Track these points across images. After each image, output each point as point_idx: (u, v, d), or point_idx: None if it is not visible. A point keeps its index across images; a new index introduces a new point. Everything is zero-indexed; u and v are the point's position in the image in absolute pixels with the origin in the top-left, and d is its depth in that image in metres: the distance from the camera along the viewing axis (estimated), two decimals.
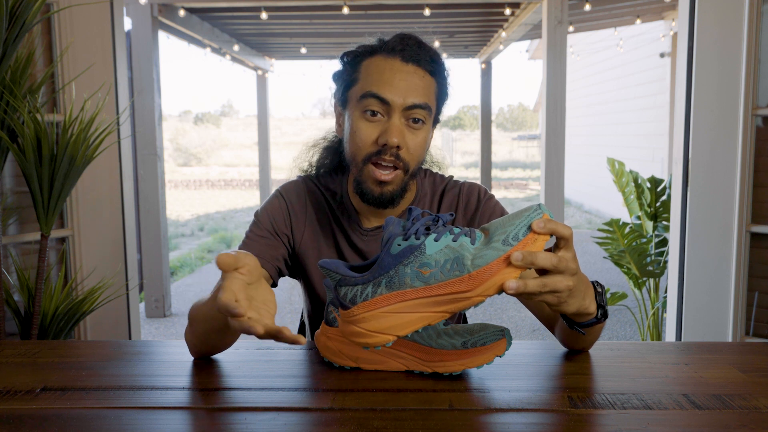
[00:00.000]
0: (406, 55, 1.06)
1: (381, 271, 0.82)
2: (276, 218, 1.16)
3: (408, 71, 1.05)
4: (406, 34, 1.10)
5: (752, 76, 2.09)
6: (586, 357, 1.01)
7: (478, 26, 6.17)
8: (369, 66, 1.08)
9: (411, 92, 1.05)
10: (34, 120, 1.81)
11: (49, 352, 1.04)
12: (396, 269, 0.81)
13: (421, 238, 0.81)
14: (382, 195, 1.08)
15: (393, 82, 1.05)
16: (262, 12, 4.89)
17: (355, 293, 0.83)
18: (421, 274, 0.79)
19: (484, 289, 0.78)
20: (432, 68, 1.08)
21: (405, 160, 1.07)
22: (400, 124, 1.05)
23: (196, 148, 24.30)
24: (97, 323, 2.34)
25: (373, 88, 1.05)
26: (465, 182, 1.21)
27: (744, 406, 0.81)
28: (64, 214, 2.28)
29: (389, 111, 1.05)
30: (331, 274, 0.85)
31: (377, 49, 1.09)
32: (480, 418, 0.78)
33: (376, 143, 1.06)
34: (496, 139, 23.42)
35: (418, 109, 1.05)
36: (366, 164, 1.07)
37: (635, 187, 3.49)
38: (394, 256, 0.81)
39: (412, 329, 0.81)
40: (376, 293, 0.82)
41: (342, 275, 0.84)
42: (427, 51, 1.08)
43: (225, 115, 39.23)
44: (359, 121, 1.07)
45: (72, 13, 2.22)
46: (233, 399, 0.85)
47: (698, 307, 2.22)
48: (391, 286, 0.81)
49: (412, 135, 1.06)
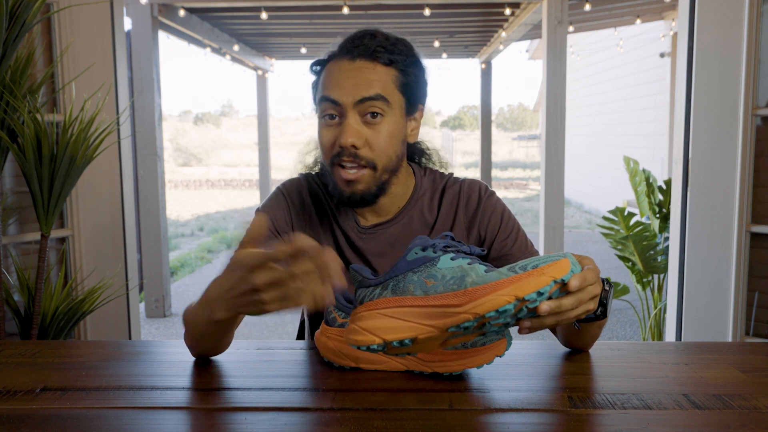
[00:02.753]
0: (355, 53, 1.06)
1: (391, 275, 0.83)
2: (277, 216, 1.16)
3: (355, 68, 1.05)
4: (360, 31, 1.10)
5: (752, 76, 2.09)
6: (586, 357, 1.01)
7: (478, 26, 6.17)
8: (326, 72, 1.09)
9: (359, 88, 1.04)
10: (34, 120, 1.81)
11: (49, 352, 1.04)
12: (405, 275, 0.82)
13: (438, 253, 0.82)
14: (352, 194, 1.08)
15: (341, 82, 1.05)
16: (262, 12, 4.89)
17: (365, 294, 0.85)
18: (424, 284, 0.80)
19: (472, 306, 0.75)
20: (390, 58, 1.07)
21: (368, 158, 1.06)
22: (355, 122, 1.05)
23: (196, 148, 24.31)
24: (97, 323, 2.34)
25: (324, 92, 1.07)
26: (465, 179, 1.21)
27: (744, 406, 0.81)
28: (64, 214, 2.28)
29: (342, 111, 1.05)
30: (355, 276, 0.87)
31: (334, 54, 1.10)
32: (480, 418, 0.78)
33: (335, 146, 1.06)
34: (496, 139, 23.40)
35: (370, 102, 1.04)
36: (333, 167, 1.08)
37: (647, 186, 3.48)
38: (408, 262, 0.83)
39: (399, 337, 0.80)
40: (381, 295, 0.83)
41: (363, 277, 0.86)
42: (382, 42, 1.07)
43: (225, 115, 39.22)
44: (321, 127, 1.09)
45: (72, 13, 2.22)
46: (233, 399, 0.85)
47: (698, 307, 2.22)
48: (396, 291, 0.82)
49: (371, 131, 1.06)
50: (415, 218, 1.16)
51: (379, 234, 1.15)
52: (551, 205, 4.24)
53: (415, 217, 1.16)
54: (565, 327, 0.98)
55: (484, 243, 1.16)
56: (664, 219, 3.41)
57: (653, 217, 3.48)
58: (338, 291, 0.91)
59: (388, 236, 1.15)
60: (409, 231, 1.15)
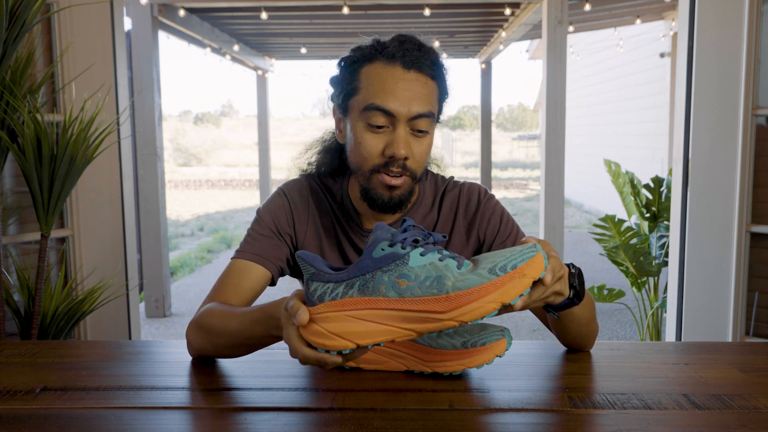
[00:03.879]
0: (407, 62, 1.04)
1: (357, 273, 0.78)
2: (278, 217, 1.15)
3: (410, 79, 1.04)
4: (404, 36, 1.07)
5: (752, 76, 2.09)
6: (586, 357, 1.01)
7: (478, 26, 6.17)
8: (369, 74, 1.05)
9: (415, 102, 1.03)
10: (34, 120, 1.81)
11: (49, 352, 1.04)
12: (373, 274, 0.77)
13: (407, 249, 0.78)
14: (391, 199, 1.07)
15: (396, 92, 1.03)
16: (262, 12, 4.89)
17: (324, 290, 0.78)
18: (397, 285, 0.76)
19: (458, 314, 0.74)
20: (433, 72, 1.06)
21: (412, 169, 1.06)
22: (405, 134, 1.04)
23: (196, 148, 24.31)
24: (97, 323, 2.34)
25: (376, 100, 1.03)
26: (465, 183, 1.21)
27: (744, 406, 0.81)
28: (64, 214, 2.28)
29: (394, 122, 1.04)
30: (306, 267, 0.80)
31: (376, 55, 1.06)
32: (480, 418, 0.78)
33: (383, 155, 1.05)
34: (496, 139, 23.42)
35: (423, 118, 1.04)
36: (374, 174, 1.06)
37: (631, 188, 3.49)
38: (375, 259, 0.77)
39: (374, 341, 0.76)
40: (347, 294, 0.77)
41: (316, 269, 0.80)
42: (427, 53, 1.06)
43: (225, 115, 39.20)
44: (364, 133, 1.05)
45: (72, 13, 2.22)
46: (233, 399, 0.85)
47: (698, 307, 2.22)
48: (364, 291, 0.77)
49: (417, 143, 1.06)
50: (416, 222, 1.17)
51: None
52: (551, 205, 4.24)
53: (417, 221, 1.17)
54: (553, 322, 1.01)
55: (483, 245, 1.16)
56: (653, 218, 3.41)
57: (641, 218, 3.48)
58: None
59: None
60: None
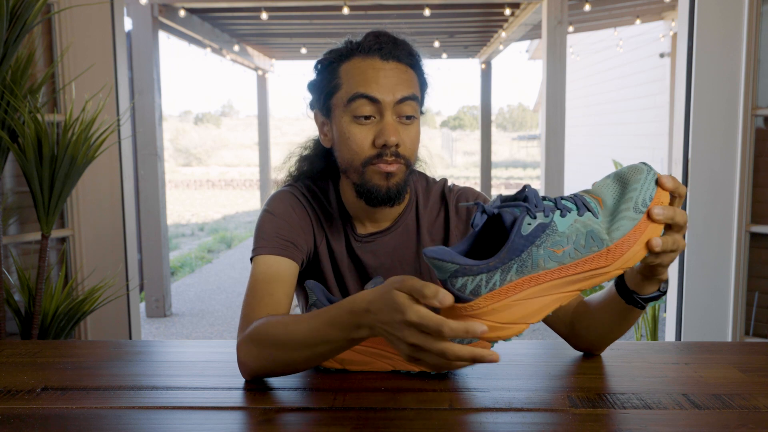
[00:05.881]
0: (385, 53, 1.04)
1: (512, 255, 0.73)
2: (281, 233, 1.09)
3: (390, 68, 1.04)
4: (378, 31, 1.08)
5: (752, 76, 2.09)
6: (586, 357, 1.01)
7: (478, 26, 6.17)
8: (349, 69, 1.05)
9: (398, 87, 1.03)
10: (34, 120, 1.82)
11: (49, 352, 1.04)
12: (529, 251, 0.73)
13: (549, 215, 0.74)
14: (389, 189, 1.05)
15: (378, 80, 1.03)
16: (262, 12, 4.89)
17: (478, 283, 0.73)
18: (554, 254, 0.74)
19: (623, 262, 0.75)
20: (411, 61, 1.07)
21: (404, 156, 1.05)
22: (393, 121, 1.04)
23: (197, 148, 24.31)
24: (97, 323, 2.34)
25: (360, 88, 1.03)
26: (459, 187, 1.20)
27: (744, 406, 0.81)
28: (64, 214, 2.28)
29: (380, 110, 1.03)
30: (445, 265, 0.73)
31: (352, 52, 1.06)
32: (480, 418, 0.78)
33: (374, 146, 1.04)
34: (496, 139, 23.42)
35: (408, 101, 1.04)
36: (368, 166, 1.05)
37: None
38: (525, 237, 0.73)
39: (546, 314, 0.75)
40: (506, 281, 0.73)
41: (460, 264, 0.73)
42: (403, 45, 1.07)
43: (225, 115, 39.21)
44: (351, 126, 1.04)
45: (72, 13, 2.22)
46: (233, 398, 0.85)
47: (698, 307, 2.22)
48: (523, 271, 0.73)
49: (405, 130, 1.05)
50: (410, 226, 1.15)
51: (377, 242, 1.14)
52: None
53: (411, 226, 1.15)
54: (617, 315, 0.93)
55: None
56: None
57: None
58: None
59: (384, 245, 1.14)
60: (405, 239, 1.15)
